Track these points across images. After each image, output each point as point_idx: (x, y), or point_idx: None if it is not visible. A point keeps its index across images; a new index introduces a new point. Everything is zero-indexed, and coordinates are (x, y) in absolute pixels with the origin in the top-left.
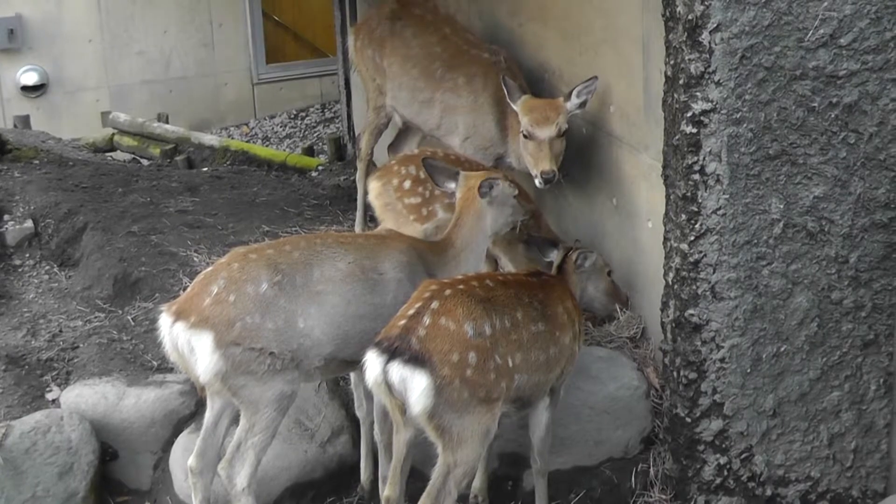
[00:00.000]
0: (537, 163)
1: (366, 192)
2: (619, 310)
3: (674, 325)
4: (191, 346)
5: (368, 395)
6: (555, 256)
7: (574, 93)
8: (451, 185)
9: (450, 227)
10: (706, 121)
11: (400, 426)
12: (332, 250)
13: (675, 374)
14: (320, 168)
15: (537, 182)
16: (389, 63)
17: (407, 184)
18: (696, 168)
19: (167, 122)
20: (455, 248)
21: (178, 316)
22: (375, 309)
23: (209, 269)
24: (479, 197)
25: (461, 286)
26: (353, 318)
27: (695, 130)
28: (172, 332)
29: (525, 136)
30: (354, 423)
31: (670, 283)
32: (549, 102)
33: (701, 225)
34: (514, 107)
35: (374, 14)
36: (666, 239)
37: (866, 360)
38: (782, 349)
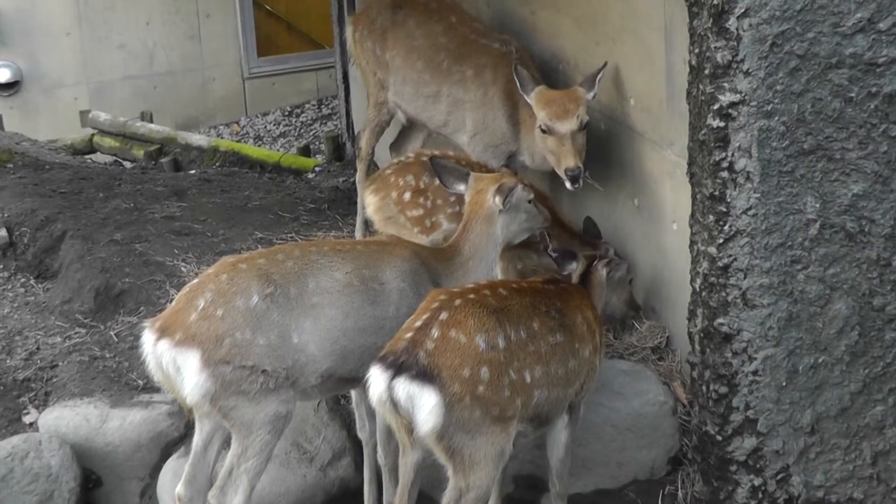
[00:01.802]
0: (560, 160)
1: (364, 205)
2: (640, 317)
3: (702, 335)
4: (176, 365)
5: (372, 415)
6: (574, 269)
7: (591, 80)
8: (461, 187)
9: (457, 233)
10: (734, 114)
11: (406, 448)
12: (329, 259)
13: (704, 388)
14: (317, 169)
15: (567, 184)
16: (391, 55)
17: (407, 195)
18: (725, 165)
19: (151, 122)
20: (462, 256)
21: (162, 332)
22: (377, 321)
23: (195, 280)
24: (488, 201)
25: (472, 295)
26: (353, 332)
27: (722, 124)
28: (156, 351)
29: (543, 131)
30: (357, 444)
31: (698, 289)
32: (568, 93)
33: (730, 226)
34: (528, 99)
35: (374, 2)
36: (692, 242)
37: None
38: (820, 360)
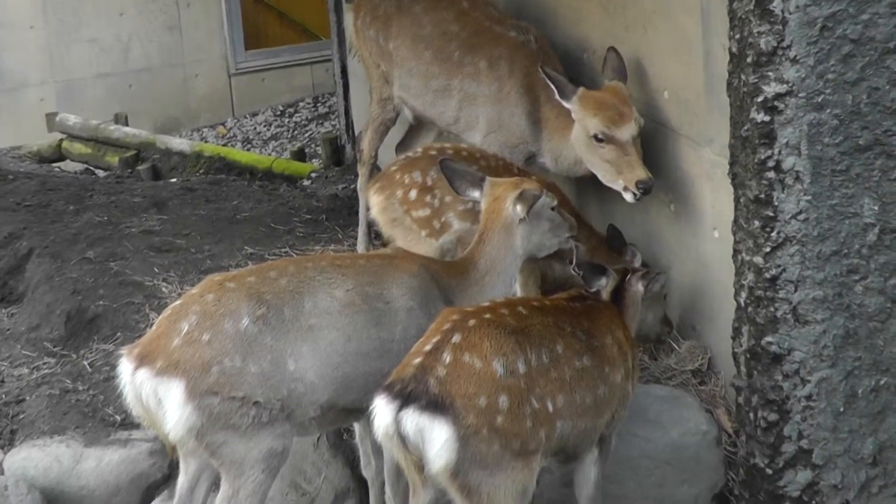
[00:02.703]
0: (627, 171)
1: (368, 206)
2: (673, 335)
3: (748, 355)
4: (158, 396)
5: (378, 451)
6: (603, 286)
7: (619, 69)
8: (475, 194)
9: (472, 245)
10: (781, 106)
11: (417, 487)
12: (328, 276)
13: (751, 415)
14: (314, 175)
15: (628, 197)
16: (396, 45)
17: (413, 193)
18: (771, 164)
19: (127, 124)
20: (478, 271)
21: (142, 360)
22: (382, 345)
23: (178, 302)
24: (507, 209)
25: (488, 315)
26: (355, 357)
27: (768, 118)
28: (135, 381)
29: (600, 140)
30: (362, 484)
31: (743, 304)
32: (615, 92)
33: (778, 233)
34: (568, 105)
35: None
36: (736, 251)
37: None
38: (882, 382)
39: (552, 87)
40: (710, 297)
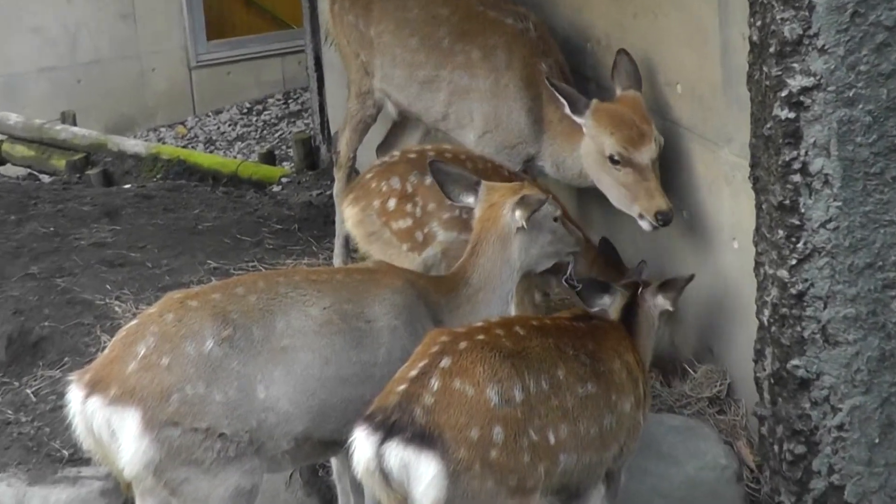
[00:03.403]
0: (644, 199)
1: (343, 218)
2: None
3: (772, 380)
4: (111, 428)
5: (357, 488)
6: (606, 305)
7: (632, 74)
8: (470, 199)
9: (464, 257)
10: (808, 101)
11: None
12: (301, 292)
13: (776, 447)
14: (285, 180)
15: (644, 224)
16: (378, 31)
17: (391, 203)
18: (797, 166)
19: (75, 124)
20: (470, 286)
21: (93, 388)
22: (363, 369)
23: (133, 322)
24: (504, 217)
25: (481, 336)
26: (334, 383)
27: (793, 115)
28: (86, 410)
29: (615, 162)
30: None
31: (766, 323)
32: (632, 106)
33: (805, 244)
34: (581, 120)
35: None
36: (758, 264)
37: None
38: None
39: (562, 100)
40: (729, 315)
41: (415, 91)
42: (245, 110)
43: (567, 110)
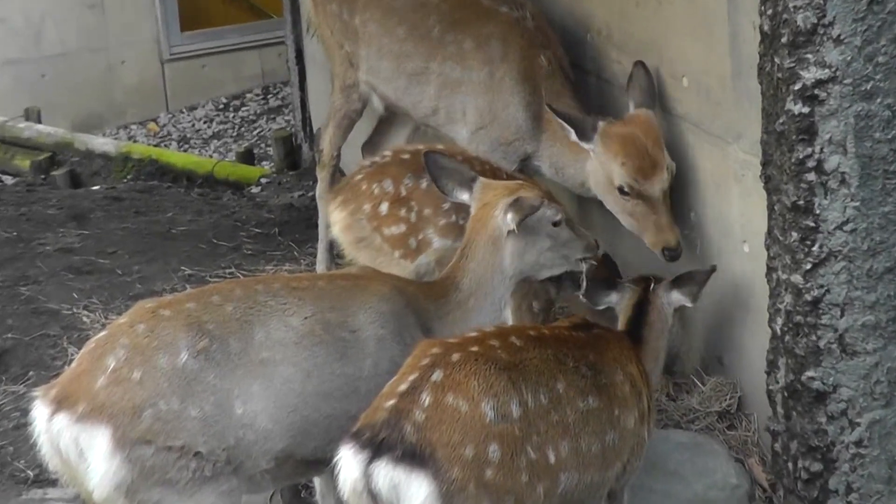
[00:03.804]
0: (652, 233)
1: (329, 223)
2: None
3: (786, 393)
4: (79, 447)
5: None
6: (614, 303)
7: (648, 91)
8: (464, 196)
9: (454, 260)
10: (823, 95)
11: None
12: (282, 300)
13: (790, 465)
14: (264, 181)
15: (655, 251)
16: (364, 20)
17: (384, 207)
18: (811, 164)
19: (39, 121)
20: (461, 291)
21: (60, 404)
22: (348, 382)
23: (102, 334)
24: (495, 218)
25: (475, 347)
26: (316, 398)
27: (807, 109)
28: (52, 428)
29: (625, 193)
30: None
31: (779, 332)
32: (644, 128)
33: (821, 247)
34: (589, 146)
35: None
36: (771, 269)
37: None
38: None
39: (566, 127)
40: (740, 323)
41: (402, 84)
42: (221, 106)
43: (573, 137)
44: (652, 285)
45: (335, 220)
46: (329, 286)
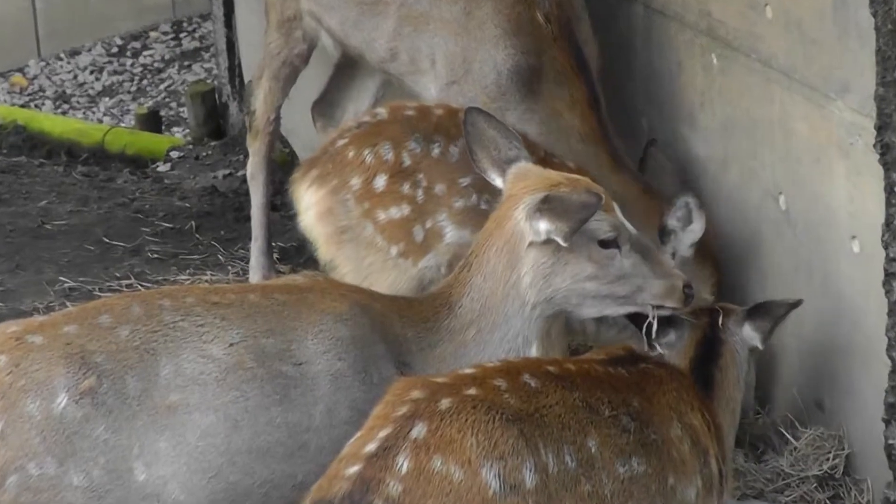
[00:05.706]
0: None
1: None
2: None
3: None
4: None
5: None
6: (673, 342)
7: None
8: (497, 180)
9: (453, 273)
10: None
11: None
12: (197, 320)
13: None
14: (175, 154)
15: None
16: None
17: (380, 181)
18: None
19: None
20: (456, 316)
21: None
22: (292, 435)
23: None
24: (515, 218)
25: (473, 390)
26: (247, 458)
27: None
28: None
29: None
30: None
31: None
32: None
33: None
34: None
35: None
36: (890, 275)
37: None
38: None
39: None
40: (847, 352)
41: (353, 14)
42: (115, 50)
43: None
44: (720, 318)
45: (308, 203)
46: (264, 301)
